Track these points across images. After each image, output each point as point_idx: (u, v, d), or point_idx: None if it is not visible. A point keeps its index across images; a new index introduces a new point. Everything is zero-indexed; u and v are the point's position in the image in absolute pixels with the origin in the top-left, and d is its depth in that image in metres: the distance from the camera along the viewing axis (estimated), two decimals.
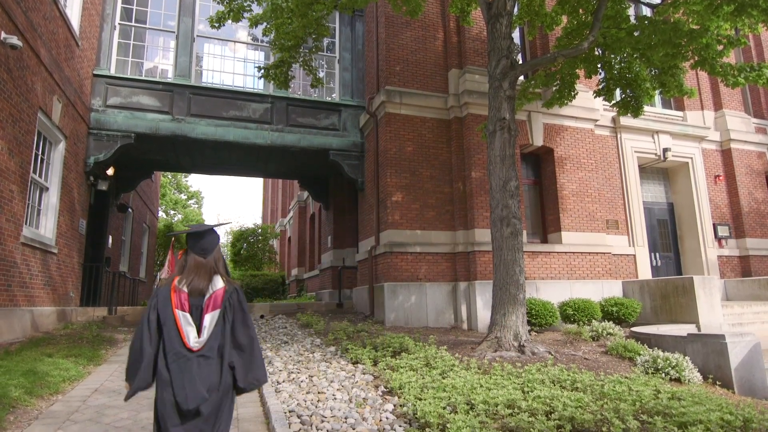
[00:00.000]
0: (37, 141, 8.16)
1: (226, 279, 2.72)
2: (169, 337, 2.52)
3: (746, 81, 7.85)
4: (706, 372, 6.29)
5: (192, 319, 2.56)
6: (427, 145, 10.43)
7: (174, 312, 2.54)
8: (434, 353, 5.97)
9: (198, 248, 2.70)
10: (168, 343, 2.51)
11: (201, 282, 2.63)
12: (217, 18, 8.35)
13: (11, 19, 6.72)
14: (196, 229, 2.75)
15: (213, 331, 2.56)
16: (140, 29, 11.21)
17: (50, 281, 8.51)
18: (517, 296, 6.70)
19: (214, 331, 2.56)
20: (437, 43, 11.11)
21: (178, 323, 2.53)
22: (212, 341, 2.55)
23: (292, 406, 4.59)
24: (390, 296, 9.48)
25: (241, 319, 2.65)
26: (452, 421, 3.79)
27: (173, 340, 2.51)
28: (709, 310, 8.72)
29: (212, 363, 2.53)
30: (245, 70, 11.96)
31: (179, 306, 2.56)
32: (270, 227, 25.23)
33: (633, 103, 9.28)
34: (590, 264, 10.53)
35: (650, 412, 4.18)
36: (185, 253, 2.74)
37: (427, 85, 10.76)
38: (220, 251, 2.85)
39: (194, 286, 2.62)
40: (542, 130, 10.91)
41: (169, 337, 2.52)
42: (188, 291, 2.61)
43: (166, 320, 2.54)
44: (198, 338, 2.53)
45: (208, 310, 2.58)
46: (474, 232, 9.79)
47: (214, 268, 2.70)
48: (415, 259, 9.81)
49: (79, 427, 4.34)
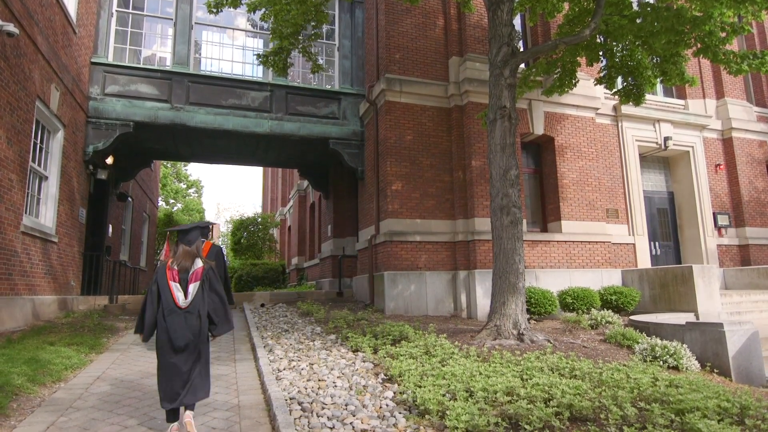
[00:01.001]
0: (36, 130, 8.12)
1: (204, 260, 4.07)
2: (165, 299, 3.82)
3: (749, 69, 7.79)
4: (704, 360, 6.33)
5: (181, 287, 3.87)
6: (428, 133, 10.39)
7: (169, 283, 3.85)
8: (434, 341, 6.01)
9: (185, 240, 4.03)
10: (165, 304, 3.81)
11: (186, 263, 3.95)
12: (215, 3, 8.26)
13: (7, 6, 6.65)
14: (184, 227, 4.15)
15: (195, 295, 3.88)
16: (138, 16, 11.10)
17: (51, 270, 8.53)
18: (517, 285, 6.72)
19: (196, 295, 3.88)
20: (438, 31, 11.01)
21: (172, 290, 3.84)
22: (195, 302, 3.87)
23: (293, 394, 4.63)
24: (390, 285, 9.51)
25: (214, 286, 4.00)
26: (451, 408, 3.82)
27: (168, 301, 3.81)
28: (708, 299, 8.75)
29: (194, 317, 3.83)
30: (244, 57, 11.86)
31: (172, 279, 3.88)
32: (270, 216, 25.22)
33: (634, 92, 9.22)
34: (590, 253, 10.54)
35: (648, 400, 4.21)
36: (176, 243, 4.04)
37: (428, 73, 10.68)
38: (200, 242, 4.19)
39: (182, 266, 3.94)
40: (543, 119, 10.86)
41: (165, 299, 3.82)
42: (178, 269, 3.92)
43: (163, 288, 3.85)
44: (185, 300, 3.84)
45: (192, 281, 3.90)
46: (474, 221, 9.79)
47: (196, 253, 4.01)
48: (415, 247, 9.82)
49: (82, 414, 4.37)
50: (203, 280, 3.93)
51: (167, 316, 3.76)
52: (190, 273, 3.91)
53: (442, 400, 4.07)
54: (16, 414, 4.24)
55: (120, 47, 10.78)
